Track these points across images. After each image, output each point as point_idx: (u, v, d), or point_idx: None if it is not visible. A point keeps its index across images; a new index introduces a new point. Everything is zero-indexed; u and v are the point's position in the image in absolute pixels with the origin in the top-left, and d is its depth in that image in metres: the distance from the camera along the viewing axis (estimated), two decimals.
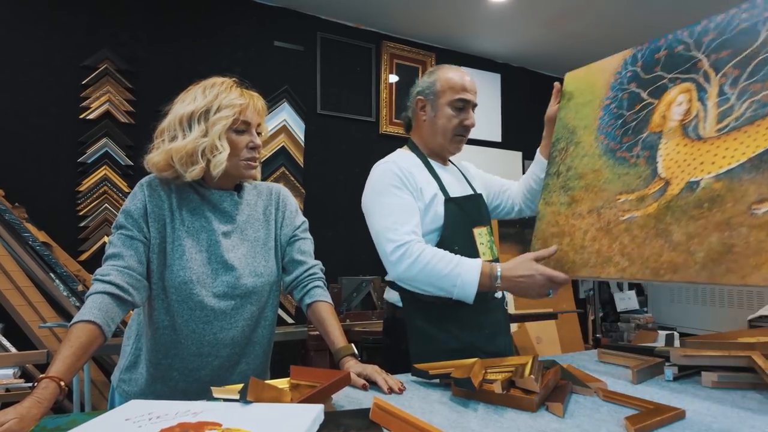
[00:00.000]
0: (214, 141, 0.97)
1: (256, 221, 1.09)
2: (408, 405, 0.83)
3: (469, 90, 1.29)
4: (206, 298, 0.98)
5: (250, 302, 1.04)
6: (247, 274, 1.03)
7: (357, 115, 3.17)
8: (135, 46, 2.54)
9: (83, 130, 2.41)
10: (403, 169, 1.24)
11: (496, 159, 3.63)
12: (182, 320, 0.98)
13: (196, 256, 0.99)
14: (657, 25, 3.18)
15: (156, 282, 0.98)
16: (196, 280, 0.98)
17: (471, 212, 1.27)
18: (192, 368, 1.01)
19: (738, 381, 0.93)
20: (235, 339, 1.03)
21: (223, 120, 0.98)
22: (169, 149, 0.97)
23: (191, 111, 0.99)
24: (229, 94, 1.01)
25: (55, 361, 0.78)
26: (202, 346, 1.00)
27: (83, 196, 2.39)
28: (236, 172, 1.02)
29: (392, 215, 1.18)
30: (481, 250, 1.24)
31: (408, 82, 3.37)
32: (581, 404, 0.83)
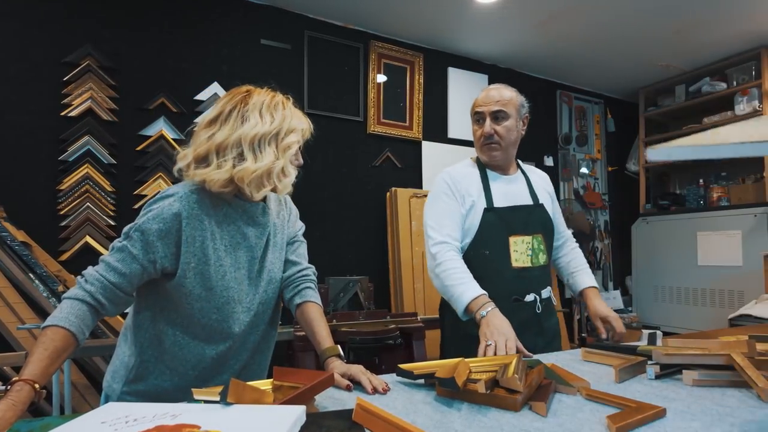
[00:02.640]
0: (285, 165, 0.99)
1: (274, 227, 1.11)
2: (392, 405, 0.83)
3: (483, 103, 1.45)
4: (242, 314, 1.01)
5: (269, 308, 1.09)
6: (270, 281, 1.07)
7: (344, 115, 3.16)
8: (118, 43, 2.50)
9: (64, 128, 2.36)
10: (453, 177, 1.46)
11: None
12: (220, 337, 1.01)
13: (235, 275, 1.00)
14: (644, 27, 3.22)
15: (195, 302, 0.96)
16: (237, 299, 1.00)
17: (512, 221, 1.41)
18: (216, 373, 1.03)
19: (718, 379, 0.94)
20: (254, 342, 1.08)
21: (294, 144, 1.00)
22: (241, 170, 0.94)
23: (262, 133, 0.97)
24: (293, 117, 1.03)
25: (29, 364, 0.77)
26: (229, 351, 1.03)
27: (64, 195, 2.34)
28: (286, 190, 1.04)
29: (437, 217, 1.40)
30: (514, 257, 1.39)
31: (396, 82, 3.37)
32: (564, 403, 0.84)
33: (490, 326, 1.18)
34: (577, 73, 4.06)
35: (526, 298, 1.40)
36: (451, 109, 3.60)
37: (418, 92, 3.44)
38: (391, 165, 3.35)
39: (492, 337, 1.15)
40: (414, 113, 3.42)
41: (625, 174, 4.62)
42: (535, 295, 1.40)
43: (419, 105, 3.43)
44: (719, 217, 3.68)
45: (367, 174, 3.25)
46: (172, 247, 0.94)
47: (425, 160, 3.47)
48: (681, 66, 3.90)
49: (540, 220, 1.46)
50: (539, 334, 1.40)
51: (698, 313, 3.73)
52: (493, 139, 1.44)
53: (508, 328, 1.17)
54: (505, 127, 1.43)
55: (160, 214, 0.94)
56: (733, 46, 3.54)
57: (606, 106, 4.52)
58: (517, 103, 1.46)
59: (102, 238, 2.41)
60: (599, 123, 4.48)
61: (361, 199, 3.20)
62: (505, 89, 1.47)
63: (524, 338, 1.33)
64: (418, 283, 3.15)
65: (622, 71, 3.99)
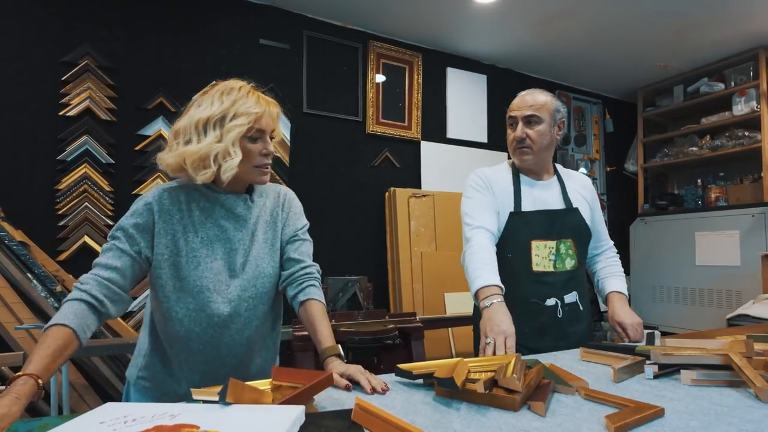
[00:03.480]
0: (228, 147, 0.99)
1: (264, 223, 1.11)
2: (391, 405, 0.83)
3: (517, 107, 1.48)
4: (221, 305, 1.02)
5: (261, 302, 1.08)
6: (258, 276, 1.07)
7: (343, 115, 3.16)
8: (116, 43, 2.50)
9: (63, 127, 2.35)
10: (487, 176, 1.49)
11: (481, 159, 3.65)
12: (200, 328, 1.01)
13: (211, 265, 1.02)
14: (643, 27, 3.23)
15: (171, 293, 1.00)
16: (213, 289, 1.01)
17: (535, 226, 1.43)
18: (211, 369, 1.04)
19: (716, 379, 0.94)
20: (250, 338, 1.07)
21: (237, 128, 0.99)
22: (183, 152, 0.98)
23: (207, 116, 0.99)
24: (246, 102, 1.01)
25: (32, 361, 0.77)
26: (220, 348, 1.03)
27: (63, 195, 2.33)
28: (248, 177, 1.05)
29: (474, 208, 1.44)
30: (535, 261, 1.41)
31: (395, 82, 3.37)
32: (563, 403, 0.84)
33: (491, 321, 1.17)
34: (575, 74, 4.06)
35: (546, 302, 1.39)
36: (450, 109, 3.60)
37: (417, 92, 3.44)
38: (390, 165, 3.35)
39: (491, 334, 1.15)
40: (413, 113, 3.42)
41: (624, 174, 4.63)
42: (556, 300, 1.40)
43: (418, 105, 3.43)
44: (717, 217, 3.68)
45: (366, 174, 3.25)
46: (149, 239, 1.00)
47: (424, 160, 3.47)
48: (679, 66, 3.91)
49: (571, 225, 1.45)
50: (561, 338, 1.39)
51: (696, 312, 3.74)
52: (524, 143, 1.45)
53: (509, 324, 1.16)
54: (538, 132, 1.44)
55: (136, 211, 1.01)
56: (731, 47, 3.55)
57: (604, 106, 4.53)
58: (552, 107, 1.46)
59: (100, 237, 2.40)
60: (598, 123, 4.49)
61: (360, 199, 3.20)
62: (540, 94, 1.47)
63: (543, 342, 1.36)
64: (417, 283, 3.15)
65: (621, 71, 4.00)
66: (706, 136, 3.97)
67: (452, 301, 3.18)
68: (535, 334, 1.38)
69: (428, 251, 3.24)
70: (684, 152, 4.07)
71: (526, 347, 1.29)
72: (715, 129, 3.90)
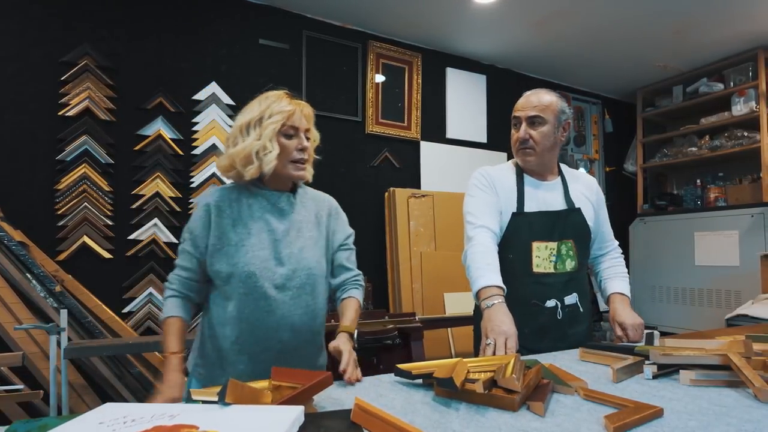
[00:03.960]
0: (266, 143, 1.14)
1: (309, 222, 1.24)
2: (390, 405, 0.83)
3: (521, 108, 1.47)
4: (268, 289, 1.13)
5: (305, 292, 1.18)
6: (302, 267, 1.18)
7: (343, 115, 3.16)
8: (116, 43, 2.50)
9: (62, 127, 2.35)
10: (491, 175, 1.48)
11: (481, 159, 3.65)
12: (248, 310, 1.13)
13: (258, 253, 1.14)
14: (642, 27, 3.23)
15: (223, 279, 1.14)
16: (259, 274, 1.13)
17: (537, 227, 1.42)
18: (258, 351, 1.14)
19: (715, 379, 0.94)
20: (294, 326, 1.16)
21: (272, 125, 1.15)
22: (231, 153, 1.16)
23: (248, 120, 1.16)
24: (280, 103, 1.17)
25: (166, 343, 1.09)
26: (267, 331, 1.14)
27: (62, 195, 2.33)
28: (286, 171, 1.18)
29: (476, 207, 1.43)
30: (536, 262, 1.41)
31: (394, 82, 3.37)
32: (562, 403, 0.84)
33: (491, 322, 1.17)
34: (575, 74, 4.06)
35: (546, 304, 1.40)
36: (450, 109, 3.60)
37: (417, 92, 3.44)
38: (390, 165, 3.35)
39: (492, 335, 1.15)
40: (412, 113, 3.42)
41: (623, 174, 4.63)
42: (556, 301, 1.41)
43: (417, 105, 3.43)
44: (716, 217, 3.69)
45: (366, 174, 3.25)
46: (207, 235, 1.16)
47: (423, 160, 3.47)
48: (678, 67, 3.91)
49: (572, 226, 1.45)
50: (561, 339, 1.39)
51: (695, 313, 3.74)
52: (527, 144, 1.45)
53: (509, 325, 1.16)
54: (541, 133, 1.43)
55: (196, 214, 1.19)
56: (730, 47, 3.55)
57: (604, 106, 4.53)
58: (557, 108, 1.45)
59: (99, 237, 2.40)
60: (597, 123, 4.49)
61: (360, 199, 3.20)
62: (546, 94, 1.47)
63: (543, 343, 1.36)
64: (417, 283, 3.15)
65: (620, 72, 4.00)
66: (705, 137, 3.97)
67: (452, 302, 3.18)
68: (535, 335, 1.38)
69: (428, 251, 3.24)
70: (683, 152, 4.08)
71: (526, 348, 1.30)
72: (715, 129, 3.90)
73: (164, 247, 2.54)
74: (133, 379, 2.27)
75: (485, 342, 1.15)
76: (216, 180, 2.69)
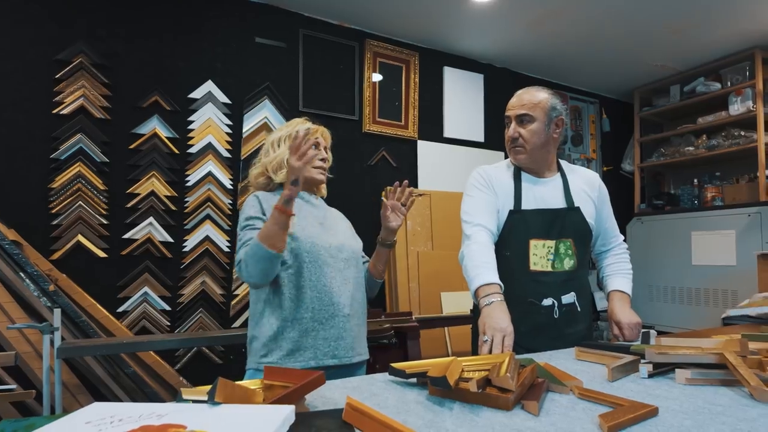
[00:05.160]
0: None
1: (337, 216, 1.55)
2: (384, 405, 0.82)
3: (511, 106, 1.50)
4: (327, 257, 1.36)
5: (352, 264, 1.42)
6: (348, 239, 1.46)
7: (340, 114, 3.15)
8: (111, 41, 2.48)
9: (56, 126, 2.34)
10: (488, 173, 1.51)
11: (478, 159, 3.65)
12: (315, 276, 1.33)
13: (311, 230, 1.38)
14: (639, 27, 3.23)
15: (289, 252, 1.32)
16: (319, 243, 1.36)
17: (534, 225, 1.43)
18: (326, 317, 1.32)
19: (710, 378, 0.94)
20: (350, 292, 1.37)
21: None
22: (264, 162, 1.46)
23: (279, 136, 1.47)
24: (305, 125, 1.49)
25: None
26: (332, 297, 1.33)
27: (56, 194, 2.32)
28: (311, 175, 1.44)
29: (473, 206, 1.46)
30: (533, 260, 1.42)
31: (391, 81, 3.36)
32: (557, 402, 0.83)
33: (490, 319, 1.17)
34: (572, 73, 4.06)
35: (543, 302, 1.40)
36: (447, 108, 3.60)
37: (414, 91, 3.43)
38: (387, 164, 3.34)
39: (489, 332, 1.15)
40: (409, 112, 3.41)
41: (620, 174, 4.64)
42: (553, 300, 1.41)
43: (415, 104, 3.43)
44: (713, 216, 3.69)
45: (363, 173, 3.24)
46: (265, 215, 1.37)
47: (421, 160, 3.46)
48: (675, 66, 3.91)
49: (571, 225, 1.45)
50: (558, 339, 1.39)
51: (692, 312, 3.75)
52: (517, 142, 1.46)
53: (507, 323, 1.16)
54: (530, 131, 1.44)
55: (247, 204, 1.39)
56: (727, 47, 3.55)
57: (601, 105, 4.53)
58: (547, 105, 1.45)
59: (94, 237, 2.39)
60: (594, 123, 4.49)
61: (356, 198, 3.19)
62: (537, 92, 1.47)
63: (538, 342, 1.36)
64: (413, 282, 3.15)
65: (618, 71, 4.00)
66: (702, 136, 3.98)
67: (448, 301, 3.18)
68: (531, 333, 1.38)
69: (424, 251, 3.24)
70: (680, 152, 4.08)
71: (522, 346, 1.30)
72: (712, 129, 3.90)
73: (159, 246, 2.53)
74: (127, 379, 2.26)
75: (482, 339, 1.15)
76: (211, 178, 2.67)
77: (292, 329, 1.31)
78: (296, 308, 1.32)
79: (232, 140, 2.76)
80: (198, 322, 2.61)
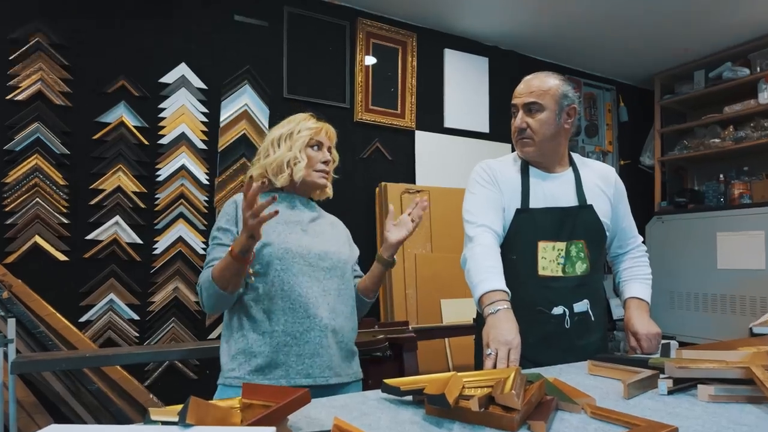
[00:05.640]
0: (296, 154, 1.43)
1: (327, 224, 1.54)
2: (375, 425, 0.82)
3: (518, 94, 1.49)
4: (304, 265, 1.36)
5: (336, 275, 1.42)
6: (335, 246, 1.46)
7: (329, 101, 3.15)
8: (72, 18, 2.46)
9: (10, 113, 2.32)
10: (492, 168, 1.51)
11: (482, 151, 3.65)
12: (288, 287, 1.33)
13: (289, 236, 1.38)
14: (660, 6, 3.24)
15: (260, 260, 1.33)
16: (295, 249, 1.36)
17: (543, 225, 1.43)
18: (300, 331, 1.31)
19: (736, 394, 0.95)
20: (330, 305, 1.37)
21: (302, 138, 1.44)
22: (264, 163, 1.45)
23: (280, 134, 1.46)
24: (308, 122, 1.48)
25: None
26: (308, 309, 1.33)
27: (10, 190, 2.30)
28: (311, 179, 1.46)
29: (476, 205, 1.46)
30: (542, 264, 1.42)
31: (386, 64, 3.36)
32: (567, 422, 0.84)
33: (495, 329, 1.18)
34: (586, 57, 4.08)
35: (553, 311, 1.40)
36: (448, 95, 3.60)
37: (411, 76, 3.43)
38: (381, 157, 3.34)
39: (494, 344, 1.15)
40: (406, 100, 3.41)
41: (639, 168, 4.66)
42: (564, 308, 1.41)
43: (412, 90, 3.43)
44: (740, 216, 3.72)
45: (354, 167, 3.24)
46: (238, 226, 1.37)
47: (419, 152, 3.46)
48: (700, 50, 3.93)
49: (584, 224, 1.45)
50: (568, 351, 1.39)
51: (717, 321, 3.78)
52: (524, 133, 1.46)
53: (514, 335, 1.17)
54: (539, 121, 1.44)
55: (224, 210, 1.42)
56: (756, 29, 3.57)
57: (618, 93, 4.55)
58: (558, 93, 1.46)
59: (53, 237, 2.37)
60: (611, 112, 4.52)
61: (347, 194, 3.18)
62: (547, 77, 1.48)
63: (547, 354, 1.36)
64: (410, 288, 3.15)
65: (636, 55, 4.02)
66: (729, 127, 4.00)
67: (449, 309, 3.18)
68: (540, 345, 1.38)
69: (423, 253, 3.24)
70: (705, 144, 4.11)
71: (529, 360, 1.30)
72: (739, 119, 3.93)
73: (127, 248, 2.51)
74: (91, 397, 2.25)
75: (486, 352, 1.16)
76: (185, 172, 2.66)
77: (264, 343, 1.31)
78: (268, 320, 1.32)
79: (209, 130, 2.75)
80: (170, 332, 2.60)
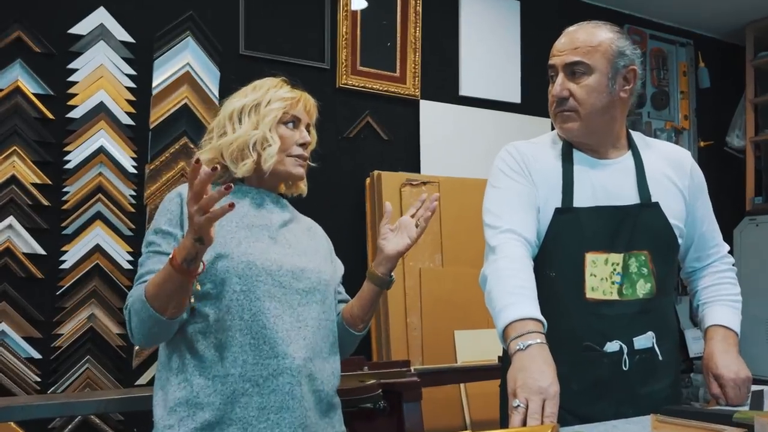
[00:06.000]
0: (265, 134, 1.39)
1: (302, 231, 1.55)
2: None
3: (557, 51, 1.50)
4: (272, 287, 1.35)
5: (316, 299, 1.43)
6: (314, 261, 1.47)
7: (301, 59, 3.15)
8: None
9: None
10: (523, 153, 1.52)
11: (511, 129, 3.65)
12: (249, 315, 1.32)
13: (256, 244, 1.38)
14: None
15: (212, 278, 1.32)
16: (261, 265, 1.35)
17: (594, 231, 1.43)
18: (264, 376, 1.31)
19: None
20: (306, 340, 1.37)
21: (273, 112, 1.41)
22: (218, 145, 1.41)
23: (242, 105, 1.42)
24: (280, 90, 1.46)
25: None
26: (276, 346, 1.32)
27: None
28: (284, 168, 1.45)
29: (500, 201, 1.48)
30: (590, 284, 1.41)
31: (380, 11, 3.36)
32: None
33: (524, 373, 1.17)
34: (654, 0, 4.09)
35: (605, 348, 1.41)
36: (465, 52, 3.61)
37: (415, 26, 3.43)
38: (373, 136, 3.35)
39: (523, 393, 1.14)
40: (408, 58, 3.42)
41: (725, 152, 4.68)
42: (621, 344, 1.41)
43: (416, 46, 3.43)
44: None
45: (338, 149, 3.24)
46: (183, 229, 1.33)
47: (425, 130, 3.47)
48: None
49: (648, 230, 1.46)
50: (628, 402, 1.40)
51: None
52: (566, 104, 1.46)
53: (551, 380, 1.16)
54: (586, 87, 1.44)
55: (163, 205, 1.39)
56: None
57: (697, 49, 4.57)
58: (611, 50, 1.45)
59: None
60: (687, 75, 4.53)
61: (329, 186, 3.17)
62: (596, 29, 1.47)
63: (598, 407, 1.37)
64: (413, 315, 3.15)
65: None
66: None
67: (466, 344, 3.19)
68: (588, 394, 1.39)
69: (430, 267, 3.24)
70: None
71: (574, 414, 1.31)
72: None
73: (24, 260, 2.50)
74: None
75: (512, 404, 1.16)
76: (104, 157, 2.65)
77: (213, 391, 1.29)
78: (221, 360, 1.30)
79: (137, 99, 2.75)
80: (84, 377, 2.59)
